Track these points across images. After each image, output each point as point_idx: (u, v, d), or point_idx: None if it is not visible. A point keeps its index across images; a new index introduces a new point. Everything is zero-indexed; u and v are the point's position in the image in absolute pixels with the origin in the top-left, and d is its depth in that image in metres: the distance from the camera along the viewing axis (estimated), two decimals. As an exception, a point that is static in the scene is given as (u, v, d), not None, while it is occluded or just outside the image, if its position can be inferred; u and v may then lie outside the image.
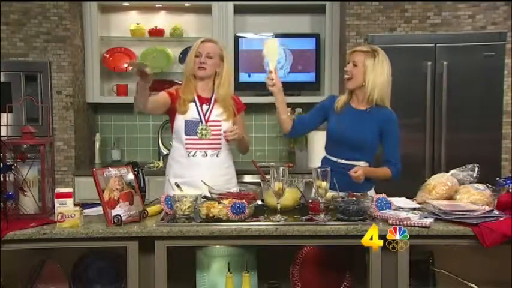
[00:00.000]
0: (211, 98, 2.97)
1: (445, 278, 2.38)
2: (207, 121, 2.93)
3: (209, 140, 2.92)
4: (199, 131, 2.90)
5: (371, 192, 2.76)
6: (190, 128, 2.92)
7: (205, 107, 2.95)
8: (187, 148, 2.93)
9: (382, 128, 2.77)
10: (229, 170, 3.04)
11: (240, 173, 4.15)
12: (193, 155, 2.93)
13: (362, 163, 2.77)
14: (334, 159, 2.81)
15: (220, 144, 2.96)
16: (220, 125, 2.95)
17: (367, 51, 2.74)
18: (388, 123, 2.78)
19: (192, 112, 2.93)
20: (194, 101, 2.95)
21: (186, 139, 2.93)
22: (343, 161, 2.77)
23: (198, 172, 2.85)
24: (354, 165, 2.70)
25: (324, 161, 2.86)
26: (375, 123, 2.76)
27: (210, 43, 2.99)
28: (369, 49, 2.75)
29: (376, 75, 2.70)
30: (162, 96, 2.95)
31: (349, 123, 2.79)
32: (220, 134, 2.95)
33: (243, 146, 3.11)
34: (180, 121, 2.94)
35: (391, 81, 2.79)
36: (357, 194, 2.43)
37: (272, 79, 2.71)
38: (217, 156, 2.95)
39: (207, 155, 2.93)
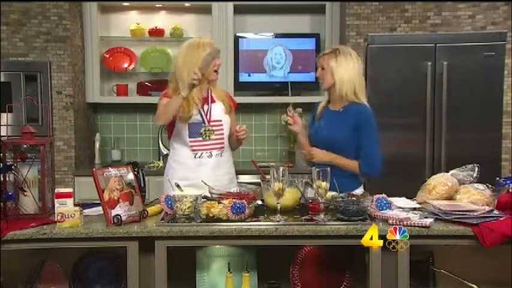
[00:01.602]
0: (207, 97, 2.96)
1: (445, 278, 2.38)
2: (209, 121, 2.93)
3: (213, 140, 2.93)
4: (202, 132, 2.90)
5: (359, 191, 2.76)
6: (194, 130, 2.92)
7: (205, 107, 2.95)
8: (193, 150, 2.93)
9: (357, 124, 2.79)
10: (231, 169, 3.06)
11: (240, 173, 4.16)
12: (199, 156, 2.93)
13: None
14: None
15: (223, 143, 2.97)
16: (221, 124, 2.96)
17: (329, 52, 2.84)
18: (361, 119, 2.80)
19: (194, 114, 2.93)
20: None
21: (191, 141, 2.93)
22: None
23: (204, 173, 2.85)
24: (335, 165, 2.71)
25: (311, 164, 2.88)
26: (349, 121, 2.79)
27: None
28: (331, 50, 2.85)
29: (343, 71, 2.78)
30: None
31: (323, 124, 2.86)
32: (222, 134, 2.96)
33: (237, 144, 3.09)
34: (182, 124, 2.93)
35: (362, 74, 2.88)
36: (357, 194, 2.43)
37: (291, 117, 2.91)
38: (221, 156, 2.97)
39: (212, 155, 2.94)
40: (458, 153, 3.77)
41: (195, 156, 2.93)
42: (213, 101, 2.97)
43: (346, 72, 2.78)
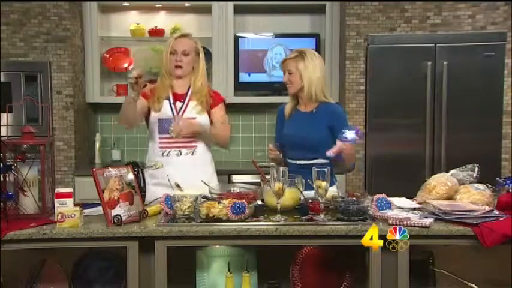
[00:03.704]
0: (186, 94, 2.93)
1: (445, 278, 2.38)
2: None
3: (183, 138, 2.87)
4: (171, 129, 2.84)
5: (333, 189, 2.74)
6: (164, 126, 2.88)
7: (179, 104, 2.91)
8: (161, 147, 2.90)
9: (331, 124, 2.83)
10: (207, 168, 2.98)
11: (240, 173, 4.17)
12: (167, 154, 2.90)
13: (320, 160, 2.78)
14: (293, 161, 2.85)
15: (195, 142, 2.91)
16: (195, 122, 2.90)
17: (295, 56, 2.85)
18: (334, 118, 2.84)
19: (166, 110, 2.90)
20: (168, 98, 2.91)
21: (160, 138, 2.90)
22: (302, 162, 2.80)
23: (173, 172, 2.82)
24: (313, 164, 2.59)
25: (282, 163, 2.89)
26: (323, 121, 2.83)
27: (184, 39, 2.93)
28: (297, 53, 2.86)
29: (311, 73, 2.82)
30: (141, 104, 2.89)
31: (297, 126, 2.88)
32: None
33: (216, 139, 2.99)
34: (154, 119, 2.91)
35: (326, 73, 2.96)
36: (357, 194, 2.43)
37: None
38: (192, 154, 2.92)
39: (181, 153, 2.90)
40: (458, 153, 3.77)
41: (162, 154, 2.90)
42: (190, 99, 2.93)
43: (314, 73, 2.82)
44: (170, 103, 2.90)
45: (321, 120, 2.83)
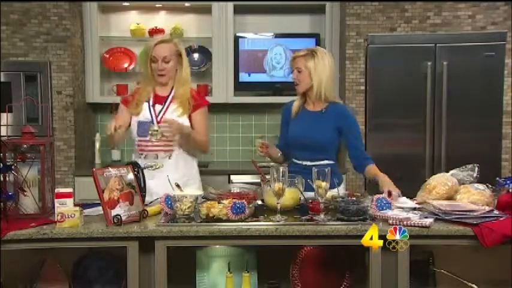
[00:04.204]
0: (167, 97, 2.93)
1: (445, 278, 2.38)
2: (159, 122, 2.88)
3: (161, 141, 2.86)
4: (149, 132, 2.84)
5: (334, 190, 2.71)
6: (142, 128, 2.88)
7: (158, 107, 2.91)
8: (139, 150, 2.91)
9: (340, 124, 2.83)
10: (186, 172, 2.96)
11: (240, 173, 4.17)
12: (144, 157, 2.89)
13: (326, 162, 2.79)
14: (299, 162, 2.85)
15: (172, 146, 2.91)
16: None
17: (305, 54, 2.82)
18: (343, 118, 2.85)
19: (144, 112, 2.91)
20: (148, 101, 2.92)
21: (139, 140, 2.91)
22: (308, 163, 2.79)
23: (149, 174, 2.80)
24: (319, 165, 2.59)
25: (291, 165, 2.87)
26: (331, 121, 2.82)
27: (164, 44, 2.90)
28: (307, 51, 2.84)
29: (320, 72, 2.79)
30: (124, 120, 2.91)
31: (304, 125, 2.86)
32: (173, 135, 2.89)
33: (194, 147, 3.00)
34: (133, 122, 2.92)
35: (335, 73, 3.03)
36: (357, 194, 2.43)
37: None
38: (169, 158, 2.91)
39: (158, 157, 2.89)
40: (458, 153, 3.78)
41: (140, 157, 2.91)
42: (171, 102, 2.92)
43: (323, 73, 2.79)
44: (149, 106, 2.90)
45: (329, 120, 2.83)
